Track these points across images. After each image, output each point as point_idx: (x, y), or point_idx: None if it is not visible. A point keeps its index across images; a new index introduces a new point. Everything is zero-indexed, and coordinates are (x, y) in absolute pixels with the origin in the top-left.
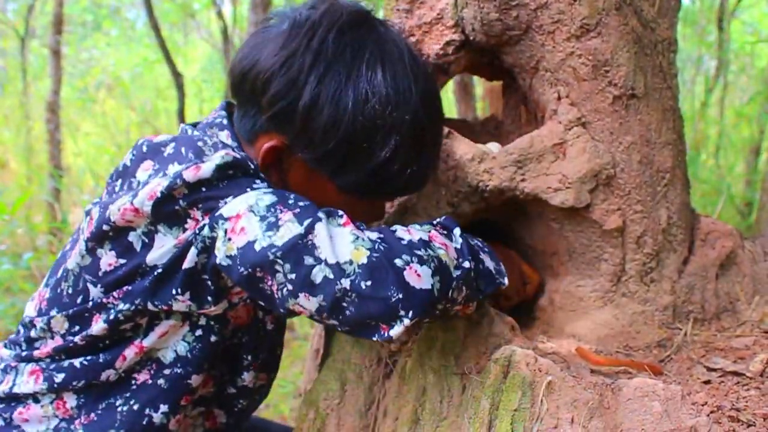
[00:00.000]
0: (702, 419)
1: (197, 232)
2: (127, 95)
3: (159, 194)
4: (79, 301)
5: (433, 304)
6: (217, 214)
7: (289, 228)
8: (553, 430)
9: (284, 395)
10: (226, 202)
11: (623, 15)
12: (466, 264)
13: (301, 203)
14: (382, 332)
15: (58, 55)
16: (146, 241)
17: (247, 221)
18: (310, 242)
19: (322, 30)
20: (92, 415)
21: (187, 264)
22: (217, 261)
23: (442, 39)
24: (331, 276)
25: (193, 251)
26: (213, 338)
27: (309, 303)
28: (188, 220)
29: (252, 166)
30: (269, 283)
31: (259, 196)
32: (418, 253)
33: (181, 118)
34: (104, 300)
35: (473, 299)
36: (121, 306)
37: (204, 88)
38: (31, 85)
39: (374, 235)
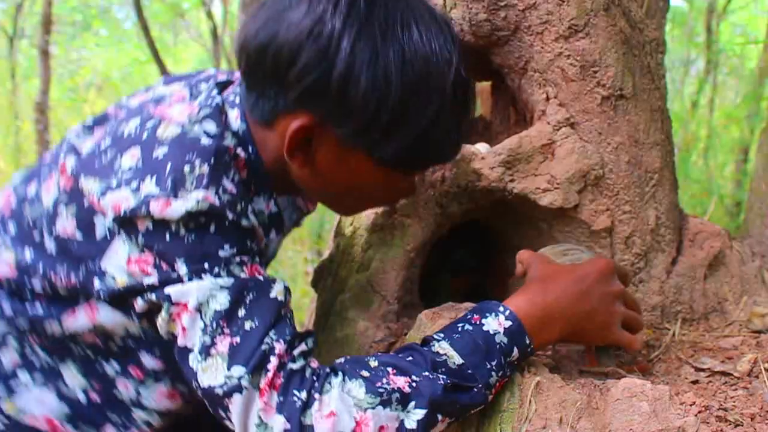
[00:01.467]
0: (690, 419)
1: (144, 286)
2: (117, 95)
3: (122, 213)
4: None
5: None
6: (166, 291)
7: (216, 366)
8: (541, 431)
9: None
10: (178, 275)
11: (611, 16)
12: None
13: (246, 326)
14: None
15: (47, 55)
16: (107, 236)
17: (191, 323)
18: (226, 404)
19: None
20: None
21: (138, 308)
22: (162, 332)
23: None
24: None
25: (140, 300)
26: None
27: None
28: (145, 250)
29: (230, 217)
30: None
31: (214, 291)
32: None
33: None
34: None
35: None
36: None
37: None
38: (20, 85)
39: (279, 426)
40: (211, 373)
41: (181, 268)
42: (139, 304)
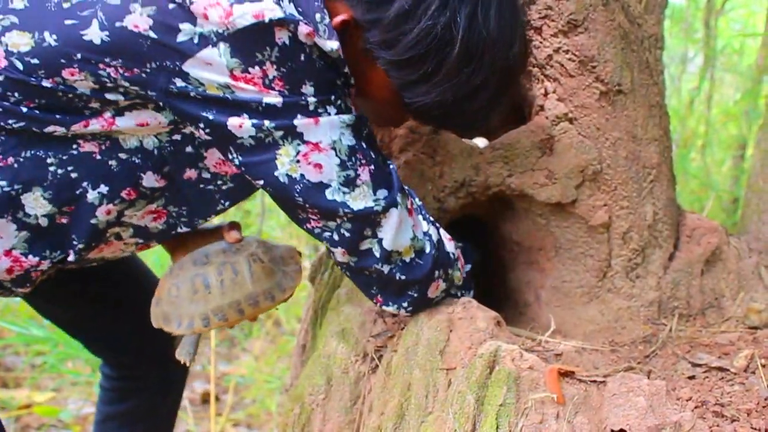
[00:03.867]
0: (686, 414)
1: (262, 104)
2: None
3: (265, 20)
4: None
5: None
6: (297, 129)
7: (364, 193)
8: (538, 426)
9: (270, 391)
10: (307, 106)
11: (610, 11)
12: (459, 293)
13: (373, 154)
14: (376, 301)
15: None
16: (196, 42)
17: (326, 160)
18: (379, 220)
19: None
20: (10, 159)
21: (234, 129)
22: (275, 173)
23: None
24: (377, 255)
25: (247, 120)
26: (189, 149)
27: (340, 256)
28: (267, 65)
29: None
30: (313, 218)
31: (343, 129)
32: (449, 271)
33: None
34: (93, 60)
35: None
36: (122, 79)
37: None
38: None
39: (433, 238)
40: (362, 199)
41: (309, 93)
42: (245, 126)
